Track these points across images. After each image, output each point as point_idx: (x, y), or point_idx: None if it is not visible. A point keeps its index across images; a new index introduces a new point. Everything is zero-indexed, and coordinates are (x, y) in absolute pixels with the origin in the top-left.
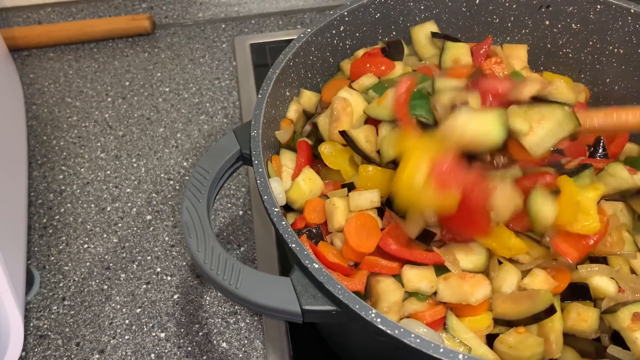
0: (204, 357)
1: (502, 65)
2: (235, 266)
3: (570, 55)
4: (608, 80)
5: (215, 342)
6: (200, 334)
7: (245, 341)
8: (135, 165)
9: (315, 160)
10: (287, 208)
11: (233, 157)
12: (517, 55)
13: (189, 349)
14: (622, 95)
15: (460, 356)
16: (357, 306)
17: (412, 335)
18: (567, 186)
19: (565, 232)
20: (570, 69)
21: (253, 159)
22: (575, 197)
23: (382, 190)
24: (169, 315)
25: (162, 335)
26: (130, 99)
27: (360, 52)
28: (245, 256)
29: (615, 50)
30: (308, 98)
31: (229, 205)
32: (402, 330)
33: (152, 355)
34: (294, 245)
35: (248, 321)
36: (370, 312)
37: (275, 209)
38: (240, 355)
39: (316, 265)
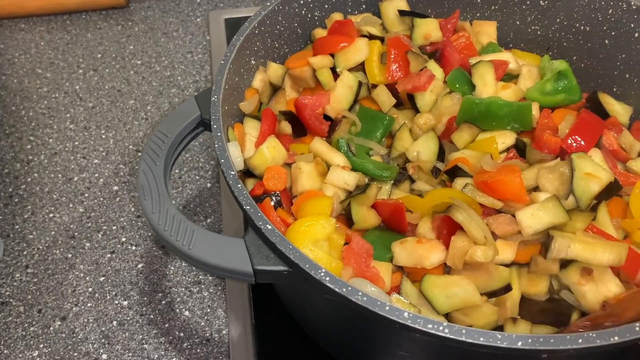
0: (166, 325)
1: (470, 40)
2: (189, 227)
3: (539, 32)
4: (575, 57)
5: (177, 310)
6: (163, 302)
7: (208, 310)
8: (104, 136)
9: (282, 134)
10: (250, 175)
11: (193, 123)
12: (486, 31)
13: (152, 316)
14: (587, 72)
15: (406, 314)
16: (307, 265)
17: (360, 293)
18: None
19: None
20: (539, 46)
21: (212, 123)
22: None
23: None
24: (132, 284)
25: (125, 303)
26: (101, 71)
27: (336, 16)
28: (212, 228)
29: (582, 27)
30: (274, 70)
31: (197, 177)
32: (349, 288)
33: (114, 322)
34: (248, 207)
35: (211, 290)
36: (319, 270)
37: (232, 172)
38: (202, 323)
39: (269, 227)
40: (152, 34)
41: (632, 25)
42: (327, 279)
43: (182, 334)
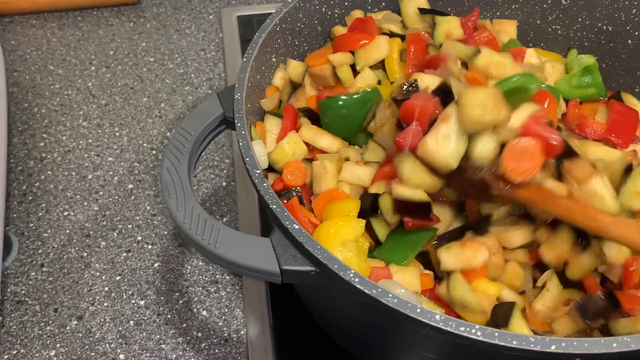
0: (184, 325)
1: (492, 35)
2: (215, 226)
3: (560, 32)
4: (597, 57)
5: (195, 310)
6: (180, 302)
7: (226, 309)
8: (117, 134)
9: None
10: (270, 170)
11: (216, 120)
12: (506, 30)
13: (169, 316)
14: (609, 73)
15: (437, 317)
16: (335, 266)
17: (390, 295)
18: None
19: None
20: (560, 46)
21: (236, 121)
22: None
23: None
24: (149, 283)
25: (142, 302)
26: (114, 68)
27: (357, 13)
28: (228, 227)
29: (604, 27)
30: (294, 67)
31: (212, 176)
32: (379, 290)
33: (131, 322)
34: (274, 207)
35: (229, 290)
36: (348, 272)
37: (257, 171)
38: (220, 323)
39: (296, 226)
40: (165, 31)
41: None
42: (357, 280)
43: (200, 334)
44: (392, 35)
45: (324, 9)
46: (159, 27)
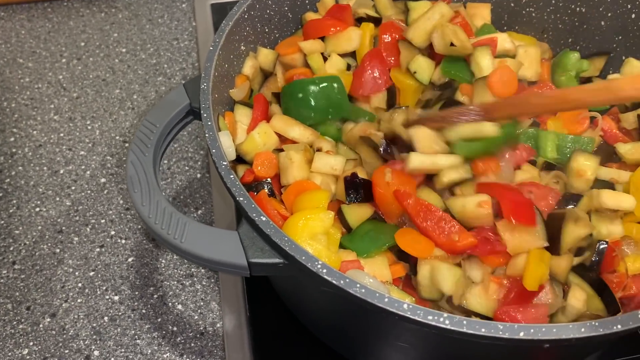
0: (159, 320)
1: (465, 20)
2: (181, 220)
3: (534, 14)
4: (570, 40)
5: (170, 304)
6: (155, 296)
7: (202, 303)
8: (89, 127)
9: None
10: (241, 162)
11: (182, 111)
12: (481, 14)
13: (144, 311)
14: (583, 56)
15: (405, 305)
16: (303, 257)
17: (358, 285)
18: None
19: None
20: (534, 29)
21: (202, 112)
22: None
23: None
24: (123, 278)
25: (116, 298)
26: (85, 60)
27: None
28: (203, 219)
29: (578, 9)
30: (265, 56)
31: (187, 168)
32: (347, 280)
33: (106, 317)
34: (241, 199)
35: (204, 283)
36: (316, 263)
37: (224, 163)
38: (196, 317)
39: (263, 218)
40: (137, 20)
41: (629, 6)
42: (325, 271)
43: (175, 328)
44: (367, 19)
45: None
46: (130, 17)
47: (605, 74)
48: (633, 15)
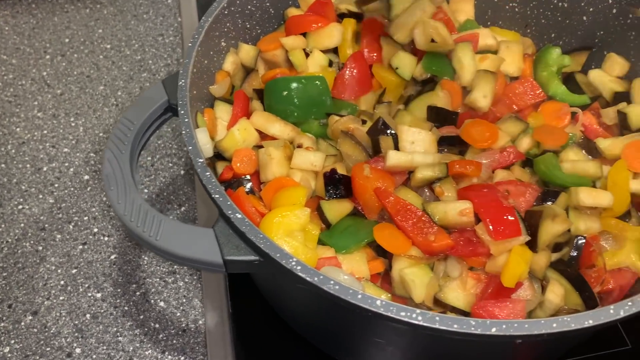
0: (141, 317)
1: (447, 16)
2: (156, 218)
3: (517, 9)
4: (553, 35)
5: (152, 301)
6: (138, 293)
7: (184, 300)
8: (73, 124)
9: None
10: (222, 158)
11: (160, 108)
12: (464, 9)
13: (126, 308)
14: (566, 51)
15: (378, 302)
16: (278, 254)
17: (332, 282)
18: None
19: None
20: (517, 24)
21: (179, 109)
22: None
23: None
24: (105, 275)
25: (98, 295)
26: (69, 57)
27: None
28: (186, 216)
29: (560, 3)
30: (246, 52)
31: (170, 164)
32: (322, 277)
33: (88, 315)
34: (217, 196)
35: (187, 280)
36: (291, 260)
37: (200, 160)
38: (178, 314)
39: (239, 215)
40: (122, 16)
41: (610, 1)
42: (299, 268)
43: (157, 325)
44: (349, 14)
45: None
46: (115, 12)
47: (587, 69)
48: (614, 10)
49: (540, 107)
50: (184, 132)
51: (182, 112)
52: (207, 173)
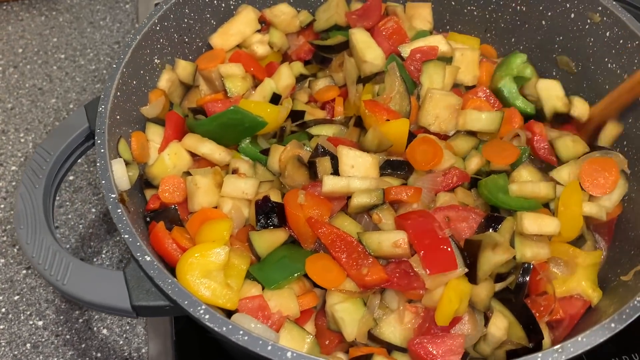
0: (83, 345)
1: (398, 24)
2: (65, 260)
3: (475, 12)
4: (513, 39)
5: (95, 328)
6: (81, 320)
7: (127, 327)
8: (22, 140)
9: None
10: (150, 186)
11: (81, 136)
12: (421, 14)
13: (67, 337)
14: (526, 54)
15: (289, 354)
16: (186, 302)
17: (241, 332)
18: None
19: None
20: (477, 28)
21: (96, 137)
22: None
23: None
24: (48, 301)
25: (40, 323)
26: (22, 68)
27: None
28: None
29: (518, 7)
30: (183, 68)
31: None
32: (230, 327)
33: (28, 345)
34: (126, 236)
35: None
36: (199, 308)
37: (112, 196)
38: (121, 342)
39: (147, 258)
40: (78, 24)
41: (568, 5)
42: (207, 317)
43: (99, 354)
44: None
45: (215, 1)
46: (72, 20)
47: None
48: (572, 15)
49: None
50: (98, 164)
51: (99, 141)
52: (119, 210)
